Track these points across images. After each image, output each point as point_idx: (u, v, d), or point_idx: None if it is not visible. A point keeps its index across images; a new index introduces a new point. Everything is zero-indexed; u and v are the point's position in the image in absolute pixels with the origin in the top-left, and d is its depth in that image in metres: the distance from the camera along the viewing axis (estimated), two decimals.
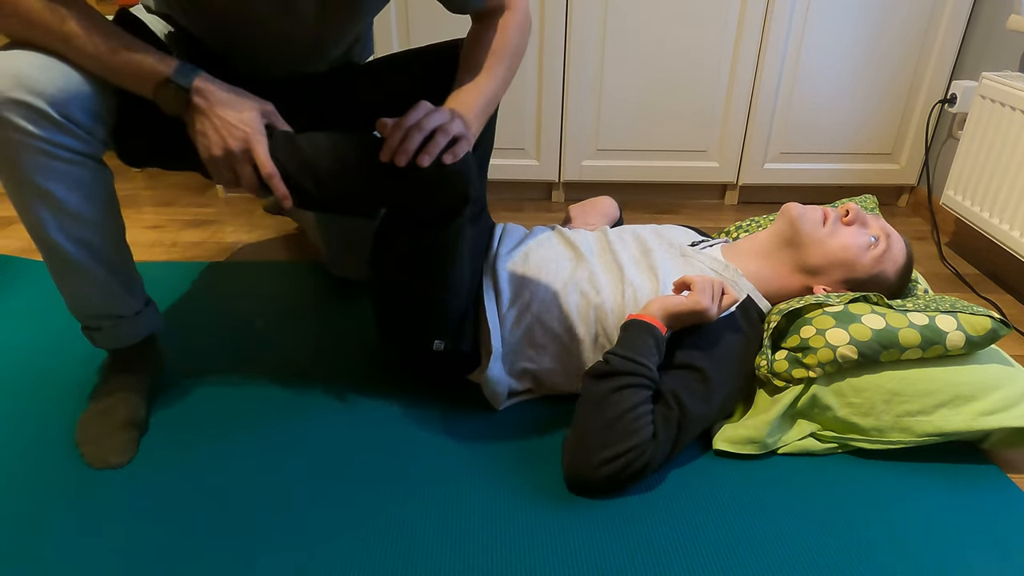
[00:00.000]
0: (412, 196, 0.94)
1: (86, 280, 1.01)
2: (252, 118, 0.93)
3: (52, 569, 0.87)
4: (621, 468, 0.96)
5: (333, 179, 0.95)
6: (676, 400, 1.01)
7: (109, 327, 1.08)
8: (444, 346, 1.11)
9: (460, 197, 0.95)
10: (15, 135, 0.87)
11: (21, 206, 0.94)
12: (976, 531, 0.95)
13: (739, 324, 1.11)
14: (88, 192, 0.95)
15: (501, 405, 1.16)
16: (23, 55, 0.87)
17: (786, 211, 1.17)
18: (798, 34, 1.86)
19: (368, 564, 0.88)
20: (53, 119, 0.88)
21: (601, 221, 1.41)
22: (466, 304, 1.12)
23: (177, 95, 0.90)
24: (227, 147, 0.91)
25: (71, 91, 0.88)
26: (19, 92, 0.85)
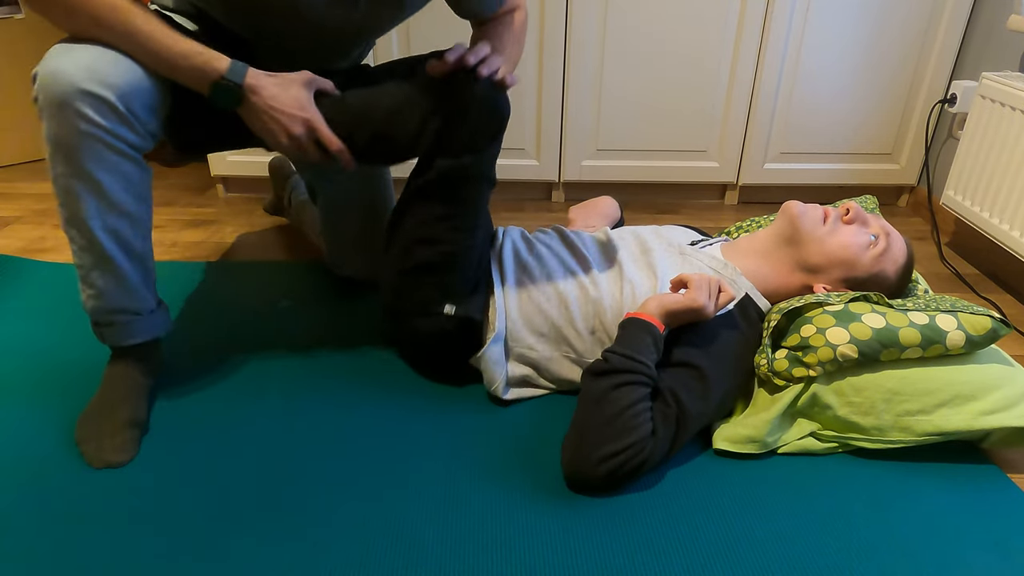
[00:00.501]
0: (459, 113, 1.03)
1: (111, 272, 1.04)
2: (304, 98, 1.02)
3: (52, 569, 0.87)
4: (620, 465, 0.96)
5: (382, 120, 1.05)
6: (674, 397, 1.01)
7: (124, 323, 1.09)
8: (455, 311, 1.13)
9: (501, 118, 1.06)
10: (82, 124, 0.92)
11: (68, 191, 0.97)
12: (976, 531, 0.95)
13: (737, 322, 1.11)
14: (132, 187, 1.00)
15: (497, 387, 1.16)
16: (94, 49, 0.93)
17: (786, 209, 1.18)
18: (798, 34, 1.86)
19: (368, 564, 0.88)
20: (119, 111, 0.93)
21: (602, 222, 1.41)
22: (478, 272, 1.16)
23: (231, 92, 0.98)
24: (291, 134, 1.01)
25: (135, 85, 0.94)
26: (92, 84, 0.90)
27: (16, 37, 2.21)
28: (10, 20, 2.19)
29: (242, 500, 0.98)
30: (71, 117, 0.91)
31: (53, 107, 0.91)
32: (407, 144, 1.07)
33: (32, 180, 2.19)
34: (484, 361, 1.14)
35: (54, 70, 0.90)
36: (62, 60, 0.91)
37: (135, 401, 1.10)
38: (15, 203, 2.01)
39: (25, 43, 2.23)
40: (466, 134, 1.05)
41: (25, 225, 1.87)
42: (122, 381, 1.11)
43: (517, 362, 1.18)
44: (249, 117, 1.01)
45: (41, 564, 0.87)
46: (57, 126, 0.92)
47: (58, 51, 0.92)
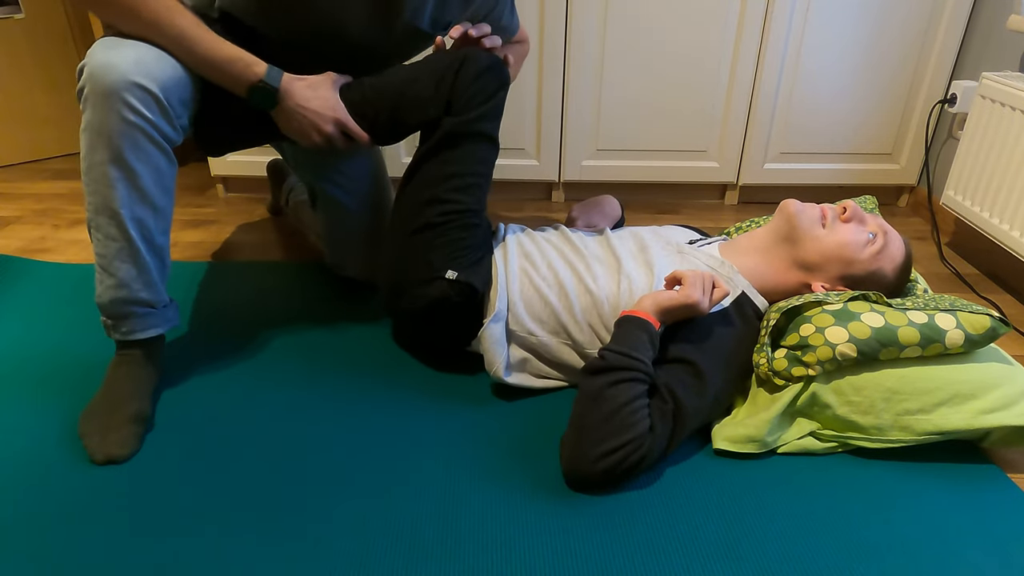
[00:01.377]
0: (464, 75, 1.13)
1: (134, 260, 1.07)
2: (333, 98, 1.12)
3: (53, 568, 0.87)
4: (618, 461, 0.96)
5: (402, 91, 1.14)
6: (671, 394, 1.02)
7: (140, 315, 1.11)
8: (457, 276, 1.15)
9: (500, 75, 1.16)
10: (129, 113, 0.98)
11: (103, 180, 1.02)
12: (976, 531, 0.95)
13: (732, 319, 1.11)
14: (161, 179, 1.06)
15: (498, 369, 1.15)
16: (137, 45, 1.00)
17: (784, 207, 1.18)
18: (798, 34, 1.86)
19: (368, 563, 0.88)
20: (162, 104, 1.00)
21: (603, 220, 1.41)
22: (481, 245, 1.20)
23: (268, 95, 1.07)
24: (323, 132, 1.12)
25: (176, 81, 1.02)
26: (140, 77, 0.97)
27: (16, 37, 2.21)
28: (10, 20, 2.19)
29: (242, 499, 0.98)
30: (118, 106, 0.97)
31: (101, 96, 0.96)
32: (422, 107, 1.15)
33: (32, 180, 2.19)
34: (485, 340, 1.15)
35: (104, 62, 0.96)
36: (111, 53, 0.97)
37: (139, 397, 1.11)
38: (15, 203, 2.01)
39: (25, 43, 2.23)
40: (470, 90, 1.13)
41: (25, 225, 1.87)
42: (126, 377, 1.11)
43: (517, 347, 1.18)
44: (282, 118, 1.10)
45: (42, 561, 0.87)
46: (103, 114, 0.97)
47: (106, 45, 0.98)
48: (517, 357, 1.18)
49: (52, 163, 2.35)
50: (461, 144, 1.16)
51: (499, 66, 1.16)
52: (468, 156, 1.16)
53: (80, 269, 1.61)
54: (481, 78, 1.14)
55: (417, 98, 1.15)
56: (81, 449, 1.06)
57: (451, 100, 1.14)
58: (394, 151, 1.98)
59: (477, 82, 1.14)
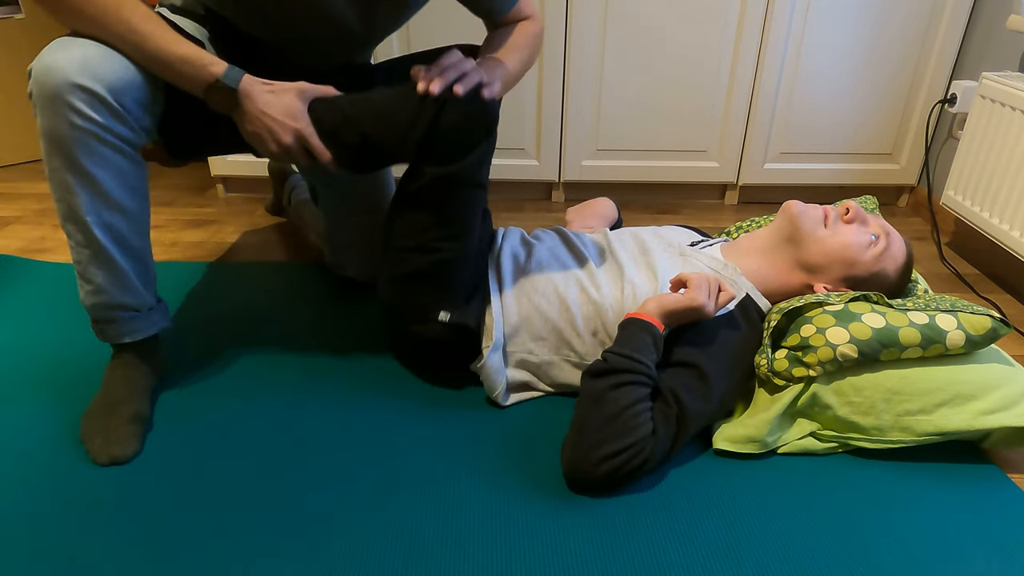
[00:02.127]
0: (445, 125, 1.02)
1: (108, 267, 1.04)
2: (297, 108, 1.02)
3: (53, 569, 0.87)
4: (620, 465, 0.96)
5: (376, 124, 1.04)
6: (675, 397, 1.01)
7: (123, 319, 1.10)
8: (450, 317, 1.12)
9: (485, 132, 1.05)
10: (75, 118, 0.93)
11: (63, 187, 0.98)
12: (976, 531, 0.95)
13: (737, 322, 1.11)
14: (126, 181, 1.01)
15: (498, 395, 1.16)
16: (87, 43, 0.94)
17: (786, 209, 1.18)
18: (798, 34, 1.86)
19: (368, 564, 0.88)
20: (111, 106, 0.94)
21: (600, 223, 1.41)
22: (474, 278, 1.15)
23: (226, 96, 0.99)
24: (280, 142, 1.02)
25: (128, 81, 0.95)
26: (83, 78, 0.91)
27: (16, 37, 2.21)
28: (10, 20, 2.19)
29: (242, 499, 0.98)
30: (63, 111, 0.92)
31: (46, 101, 0.92)
32: (394, 148, 1.06)
33: (32, 180, 2.19)
34: (484, 371, 1.14)
35: (47, 65, 0.91)
36: (55, 55, 0.92)
37: (138, 398, 1.11)
38: (15, 203, 2.01)
39: (25, 43, 2.23)
40: (453, 142, 1.03)
41: (25, 225, 1.87)
42: (123, 379, 1.11)
43: (517, 368, 1.17)
44: (241, 122, 1.02)
45: (42, 561, 0.87)
46: (50, 120, 0.93)
47: (52, 47, 0.93)
48: (517, 380, 1.17)
49: None
50: (447, 195, 1.07)
51: (483, 112, 1.03)
52: (456, 206, 1.09)
53: None
54: (465, 126, 1.03)
55: (388, 138, 1.05)
56: (81, 449, 1.06)
57: (431, 148, 1.04)
58: None
59: (460, 132, 1.03)
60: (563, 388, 1.19)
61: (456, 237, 1.10)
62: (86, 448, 1.05)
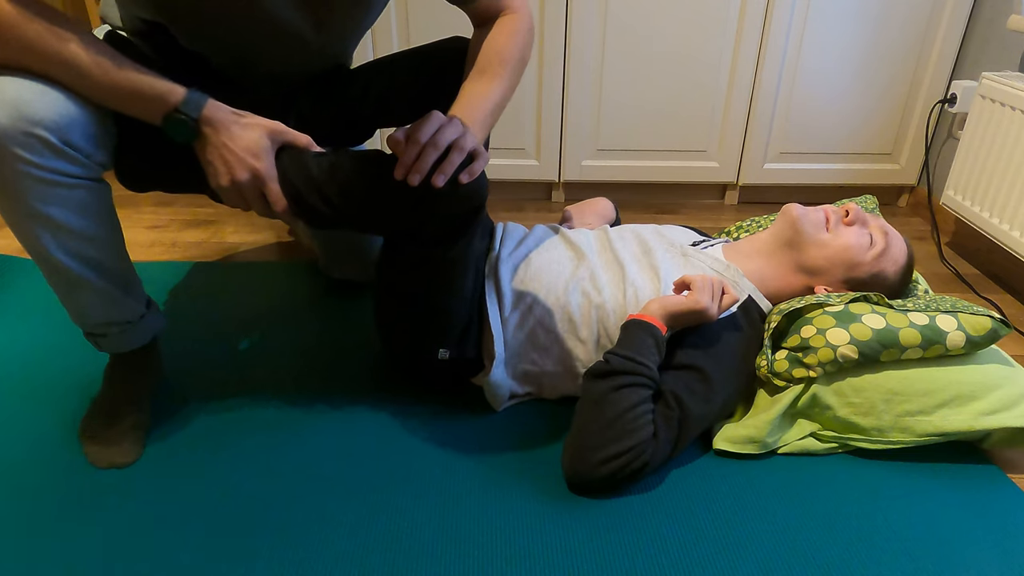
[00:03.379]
0: (424, 214, 0.93)
1: (89, 293, 0.99)
2: (261, 146, 0.91)
3: (52, 570, 0.87)
4: (621, 467, 0.96)
5: (343, 198, 0.93)
6: (676, 400, 1.01)
7: (115, 333, 1.07)
8: (449, 354, 1.11)
9: (472, 213, 0.96)
10: (17, 165, 0.84)
11: (20, 230, 0.91)
12: (976, 531, 0.96)
13: (740, 324, 1.11)
14: (87, 211, 0.93)
15: (501, 407, 1.16)
16: (19, 81, 0.83)
17: (787, 212, 1.17)
18: (798, 34, 1.86)
19: (368, 565, 0.88)
20: (54, 146, 0.85)
21: (598, 222, 1.41)
22: (470, 309, 1.12)
23: (186, 125, 0.88)
24: (235, 178, 0.90)
25: (70, 117, 0.85)
26: (20, 122, 0.82)
27: None
28: None
29: (241, 500, 0.98)
30: (5, 158, 0.83)
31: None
32: (360, 225, 0.98)
33: None
34: (488, 387, 1.13)
35: None
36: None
37: (137, 402, 1.10)
38: None
39: None
40: (438, 228, 0.96)
41: None
42: (122, 383, 1.11)
43: (520, 379, 1.16)
44: (200, 151, 0.91)
45: (42, 566, 0.87)
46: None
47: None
48: (520, 392, 1.17)
49: None
50: (440, 268, 1.03)
51: (471, 196, 0.94)
52: (449, 273, 1.04)
53: None
54: (450, 214, 0.95)
55: (358, 217, 0.96)
56: (80, 450, 1.06)
57: (413, 235, 0.97)
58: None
59: (446, 219, 0.95)
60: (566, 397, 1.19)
61: (446, 296, 1.07)
62: (85, 453, 1.05)
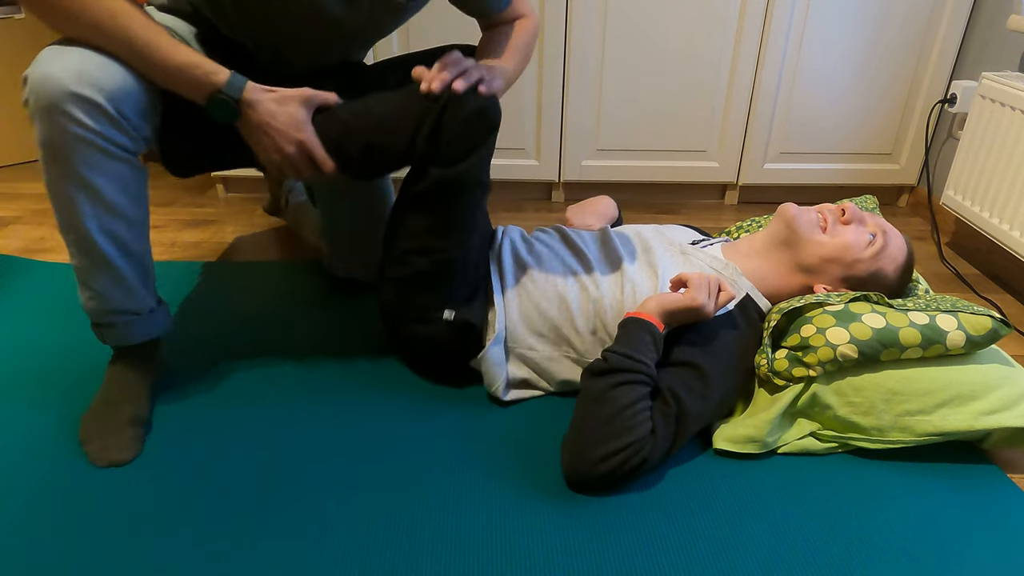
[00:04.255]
0: (447, 128, 1.03)
1: (110, 273, 1.03)
2: (301, 117, 1.01)
3: (54, 568, 0.87)
4: (619, 464, 0.96)
5: (378, 133, 1.05)
6: (674, 397, 1.01)
7: (124, 323, 1.09)
8: (454, 316, 1.13)
9: (490, 123, 1.05)
10: (73, 127, 0.91)
11: (62, 195, 0.96)
12: (976, 531, 0.95)
13: (737, 321, 1.11)
14: (126, 187, 1.00)
15: (498, 388, 1.16)
16: (83, 52, 0.92)
17: (782, 212, 1.18)
18: (798, 34, 1.86)
19: (368, 565, 0.88)
20: (109, 114, 0.92)
21: (599, 221, 1.41)
22: (476, 276, 1.16)
23: (228, 106, 0.97)
24: (284, 152, 1.01)
25: (126, 89, 0.94)
26: (81, 86, 0.90)
27: (16, 37, 2.21)
28: (10, 20, 2.19)
29: (242, 500, 0.98)
30: (61, 120, 0.90)
31: (43, 111, 0.90)
32: (398, 153, 1.07)
33: (32, 180, 2.19)
34: (485, 363, 1.14)
35: (44, 74, 0.89)
36: (52, 64, 0.90)
37: (137, 400, 1.10)
38: (15, 203, 2.01)
39: (25, 43, 2.23)
40: (457, 142, 1.04)
41: (25, 225, 1.87)
42: (123, 380, 1.11)
43: (517, 363, 1.17)
44: (245, 131, 1.01)
45: (42, 562, 0.87)
46: (48, 130, 0.91)
47: (48, 54, 0.91)
48: (517, 376, 1.18)
49: None
50: (451, 196, 1.09)
51: (487, 108, 1.04)
52: (459, 206, 1.10)
53: None
54: (468, 125, 1.04)
55: (392, 144, 1.06)
56: (79, 449, 1.06)
57: (436, 149, 1.05)
58: None
59: (464, 130, 1.04)
60: (563, 386, 1.19)
61: (459, 236, 1.11)
62: (85, 451, 1.05)
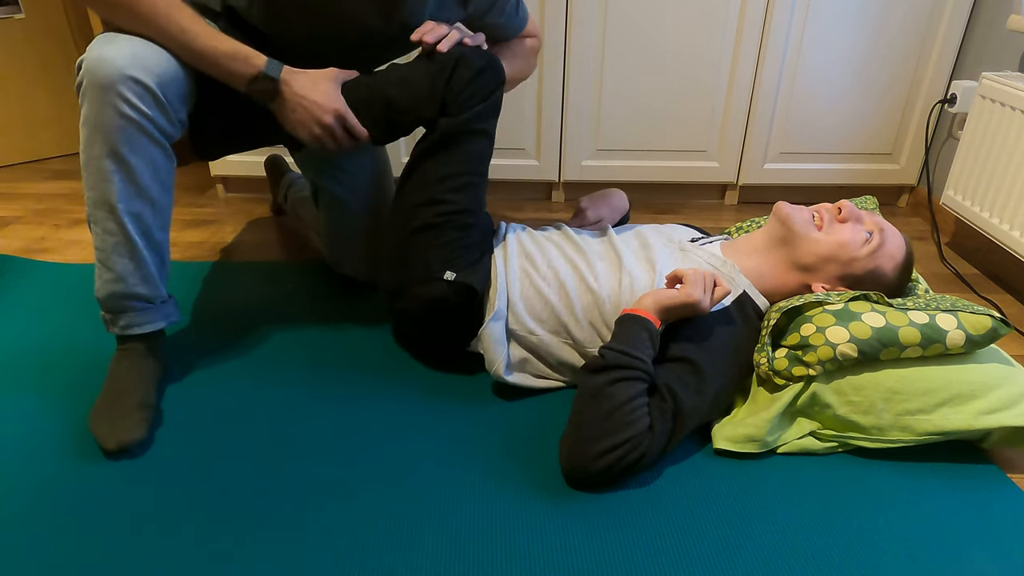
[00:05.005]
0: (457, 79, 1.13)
1: (131, 255, 1.08)
2: (333, 92, 1.11)
3: (53, 566, 0.87)
4: (617, 459, 0.96)
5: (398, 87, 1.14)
6: (670, 393, 1.02)
7: (138, 309, 1.12)
8: (456, 277, 1.15)
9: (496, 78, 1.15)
10: (124, 107, 0.98)
11: (100, 173, 1.02)
12: (976, 531, 0.95)
13: (733, 318, 1.11)
14: (158, 174, 1.06)
15: (499, 367, 1.15)
16: (136, 40, 1.00)
17: (777, 211, 1.18)
18: (798, 34, 1.86)
19: (368, 565, 0.88)
20: (157, 97, 1.00)
21: (611, 213, 1.42)
22: (479, 244, 1.21)
23: (267, 86, 1.07)
24: (323, 122, 1.10)
25: (172, 75, 1.02)
26: (135, 70, 0.98)
27: (16, 37, 2.21)
28: (10, 20, 2.19)
29: (242, 498, 0.98)
30: (114, 100, 0.97)
31: (98, 90, 0.97)
32: (416, 108, 1.15)
33: (32, 180, 2.19)
34: (485, 339, 1.15)
35: (100, 56, 0.97)
36: (108, 48, 0.97)
37: (143, 386, 1.12)
38: (15, 203, 2.01)
39: (25, 43, 2.23)
40: (466, 90, 1.13)
41: (25, 225, 1.87)
42: (129, 369, 1.12)
43: (517, 347, 1.18)
44: (282, 110, 1.09)
45: (43, 558, 0.88)
46: (99, 108, 0.98)
47: (103, 40, 0.99)
48: (517, 357, 1.18)
49: (52, 163, 2.35)
50: (458, 144, 1.15)
51: (494, 65, 1.15)
52: (464, 155, 1.16)
53: (80, 269, 1.61)
54: (477, 78, 1.13)
55: (411, 98, 1.14)
56: (81, 448, 1.06)
57: (446, 101, 1.14)
58: (394, 149, 1.98)
59: (473, 82, 1.13)
60: (563, 371, 1.20)
61: (466, 188, 1.17)
62: (94, 435, 1.06)
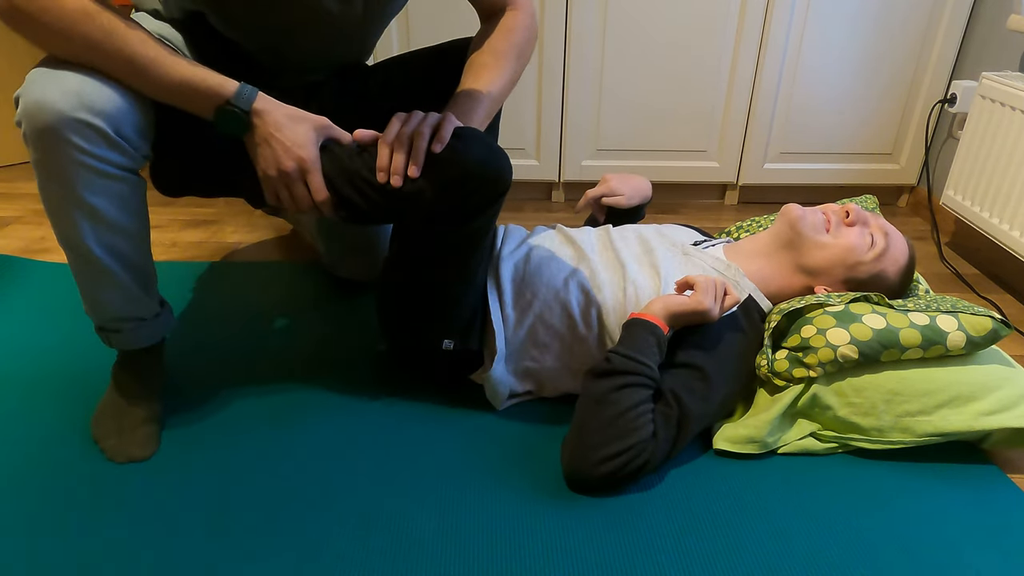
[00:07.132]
0: (454, 184, 0.95)
1: (112, 285, 1.01)
2: (308, 138, 0.95)
3: (58, 568, 0.87)
4: (620, 466, 0.96)
5: (371, 186, 0.96)
6: (676, 399, 1.01)
7: (130, 329, 1.08)
8: (453, 345, 1.12)
9: (500, 181, 0.97)
10: (73, 152, 0.88)
11: (61, 215, 0.94)
12: (976, 531, 0.96)
13: (740, 323, 1.11)
14: (126, 204, 0.97)
15: (502, 405, 1.16)
16: (79, 74, 0.88)
17: (786, 213, 1.17)
18: (798, 34, 1.86)
19: (368, 564, 0.88)
20: (108, 136, 0.89)
21: (634, 194, 1.38)
22: (476, 301, 1.13)
23: (238, 118, 0.92)
24: (282, 167, 0.94)
25: (123, 109, 0.90)
26: (81, 112, 0.86)
27: (16, 36, 2.21)
28: None
29: (241, 500, 0.98)
30: (61, 146, 0.87)
31: (40, 137, 0.87)
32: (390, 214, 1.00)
33: (32, 180, 2.19)
34: (488, 382, 1.13)
35: (39, 99, 0.85)
36: (47, 87, 0.86)
37: (149, 397, 1.11)
38: (15, 203, 2.01)
39: (25, 43, 2.23)
40: (466, 204, 0.97)
41: (25, 225, 1.86)
42: (132, 381, 1.11)
43: (521, 377, 1.16)
44: (251, 142, 0.96)
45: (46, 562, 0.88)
46: (45, 155, 0.88)
47: (41, 76, 0.87)
48: (520, 389, 1.17)
49: None
50: (457, 249, 1.04)
51: (498, 167, 0.96)
52: (466, 255, 1.06)
53: None
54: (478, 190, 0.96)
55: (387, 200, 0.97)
56: (81, 449, 1.06)
57: (441, 211, 0.97)
58: None
59: (473, 195, 0.96)
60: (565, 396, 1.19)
61: (463, 281, 1.08)
62: (101, 448, 1.05)
